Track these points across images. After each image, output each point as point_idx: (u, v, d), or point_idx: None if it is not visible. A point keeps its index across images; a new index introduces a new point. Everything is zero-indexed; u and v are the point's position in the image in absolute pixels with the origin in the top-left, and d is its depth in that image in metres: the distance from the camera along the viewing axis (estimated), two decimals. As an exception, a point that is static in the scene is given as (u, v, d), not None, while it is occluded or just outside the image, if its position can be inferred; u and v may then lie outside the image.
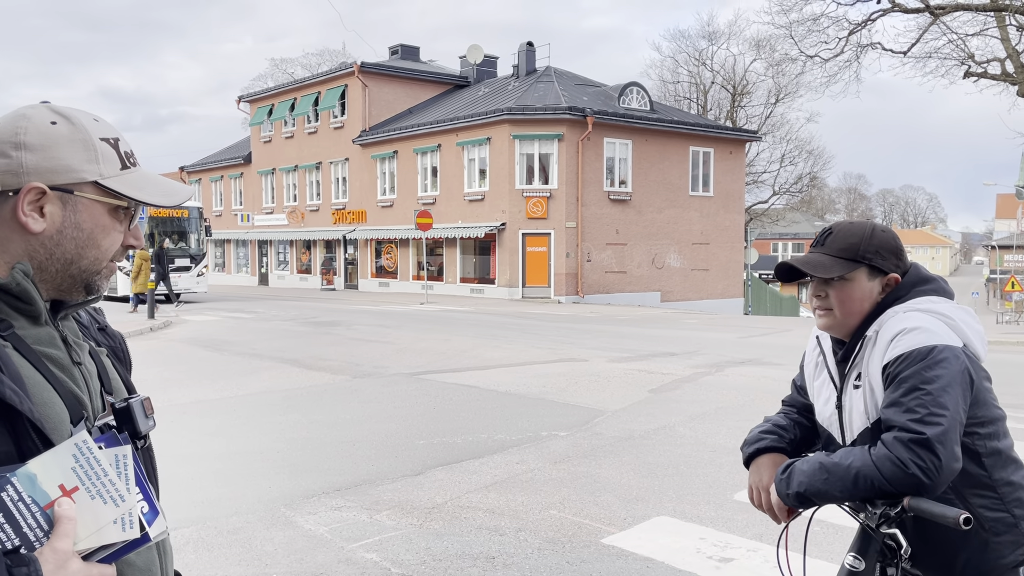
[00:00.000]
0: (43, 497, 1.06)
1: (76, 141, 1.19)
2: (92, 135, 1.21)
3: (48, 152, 1.17)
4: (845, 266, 1.97)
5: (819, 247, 2.03)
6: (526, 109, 27.55)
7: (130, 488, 1.07)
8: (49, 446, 1.08)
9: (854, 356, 1.99)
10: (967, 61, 26.19)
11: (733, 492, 5.51)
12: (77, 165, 1.19)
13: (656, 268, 30.20)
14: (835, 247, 1.99)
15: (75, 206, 1.19)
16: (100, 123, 1.25)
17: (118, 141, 1.25)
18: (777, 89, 47.13)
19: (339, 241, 35.86)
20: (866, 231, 2.01)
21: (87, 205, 1.20)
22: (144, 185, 1.26)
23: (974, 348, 1.90)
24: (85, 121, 1.22)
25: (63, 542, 1.03)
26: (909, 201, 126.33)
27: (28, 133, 1.18)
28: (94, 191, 1.21)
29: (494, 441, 7.03)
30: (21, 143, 1.17)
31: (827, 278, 1.98)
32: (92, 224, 1.21)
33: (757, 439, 2.18)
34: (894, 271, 2.00)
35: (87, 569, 1.04)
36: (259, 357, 12.47)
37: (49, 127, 1.19)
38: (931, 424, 1.74)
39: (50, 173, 1.17)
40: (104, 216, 1.22)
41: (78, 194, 1.19)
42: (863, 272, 1.98)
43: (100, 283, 1.26)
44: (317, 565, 4.29)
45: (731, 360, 12.17)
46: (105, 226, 1.23)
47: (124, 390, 1.34)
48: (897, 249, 2.01)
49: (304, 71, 52.73)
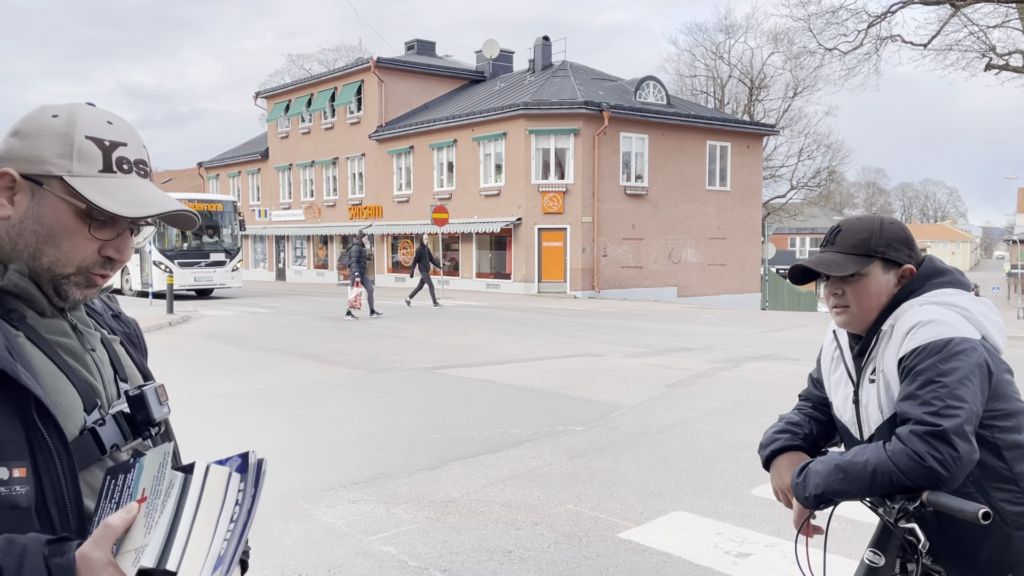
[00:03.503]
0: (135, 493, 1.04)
1: (58, 135, 1.17)
2: (77, 131, 1.17)
3: (30, 141, 1.17)
4: (859, 262, 1.95)
5: (830, 246, 2.02)
6: (542, 104, 27.49)
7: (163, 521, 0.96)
8: (60, 435, 1.08)
9: (870, 350, 1.98)
10: (988, 53, 25.90)
11: (751, 487, 5.49)
12: (48, 157, 1.16)
13: (672, 263, 30.09)
14: (846, 244, 1.98)
15: (41, 199, 1.17)
16: (114, 125, 1.21)
17: (120, 146, 1.20)
18: (795, 82, 46.83)
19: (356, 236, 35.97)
20: (875, 224, 1.99)
21: (51, 200, 1.17)
22: (115, 192, 1.17)
23: (993, 340, 1.88)
24: (83, 118, 1.19)
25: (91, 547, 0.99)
26: (929, 195, 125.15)
27: (27, 122, 1.19)
28: (60, 188, 1.16)
29: (510, 435, 7.04)
30: (18, 130, 1.19)
31: (843, 276, 1.96)
32: (53, 221, 1.16)
33: (771, 440, 2.17)
34: (908, 262, 1.98)
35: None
36: (277, 352, 12.54)
37: (47, 119, 1.18)
38: (947, 416, 1.72)
39: (24, 162, 1.17)
40: (68, 216, 1.17)
41: (46, 188, 1.16)
42: (877, 266, 1.96)
43: (69, 289, 1.19)
44: (335, 558, 4.31)
45: (748, 355, 12.11)
46: (68, 227, 1.17)
47: (138, 377, 1.33)
48: (908, 240, 1.99)
49: (321, 67, 52.89)
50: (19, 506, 1.05)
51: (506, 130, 28.42)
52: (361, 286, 18.08)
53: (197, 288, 24.96)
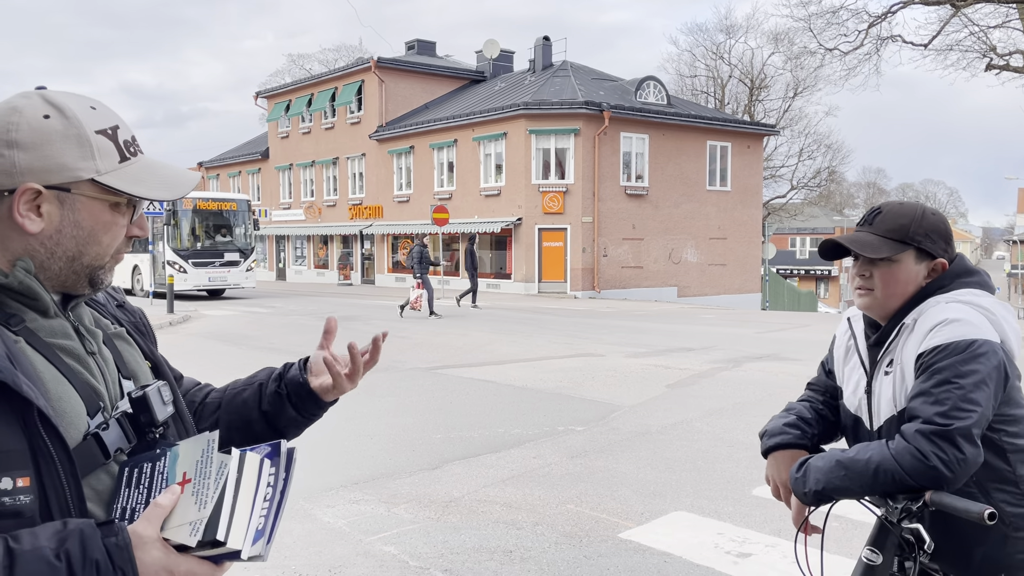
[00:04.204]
0: (172, 478, 1.12)
1: (70, 137, 1.14)
2: (87, 129, 1.16)
3: (41, 150, 1.13)
4: (894, 247, 1.92)
5: (867, 226, 1.97)
6: (542, 104, 27.50)
7: (214, 498, 1.07)
8: (61, 442, 1.08)
9: (889, 342, 1.94)
10: (989, 53, 25.91)
11: (751, 488, 5.49)
12: (72, 163, 1.14)
13: (673, 263, 30.09)
14: (884, 227, 1.94)
15: (73, 204, 1.16)
16: (98, 110, 1.20)
17: (117, 129, 1.20)
18: (795, 83, 46.79)
19: (356, 236, 35.98)
20: (917, 212, 1.95)
21: (85, 203, 1.16)
22: (145, 177, 1.20)
23: (1010, 345, 1.86)
24: (80, 112, 1.17)
25: (143, 525, 1.06)
26: (929, 195, 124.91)
27: (20, 130, 1.13)
28: (92, 188, 1.16)
29: (511, 435, 7.04)
30: (13, 141, 1.12)
31: (873, 258, 1.93)
32: (92, 222, 1.18)
33: (780, 431, 2.11)
34: (942, 256, 1.94)
35: (167, 558, 1.06)
36: (277, 351, 12.55)
37: (42, 122, 1.14)
38: (957, 418, 1.71)
39: (44, 172, 1.13)
40: (104, 212, 1.18)
41: (75, 192, 1.15)
42: (911, 255, 1.92)
43: (103, 276, 1.23)
44: (336, 557, 4.32)
45: (749, 355, 12.11)
46: (106, 222, 1.19)
47: (145, 372, 1.33)
48: (947, 234, 1.95)
49: (321, 67, 52.87)
50: (23, 515, 1.05)
51: (506, 130, 28.42)
52: (423, 287, 18.05)
53: (209, 288, 24.59)
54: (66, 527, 1.04)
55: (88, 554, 1.01)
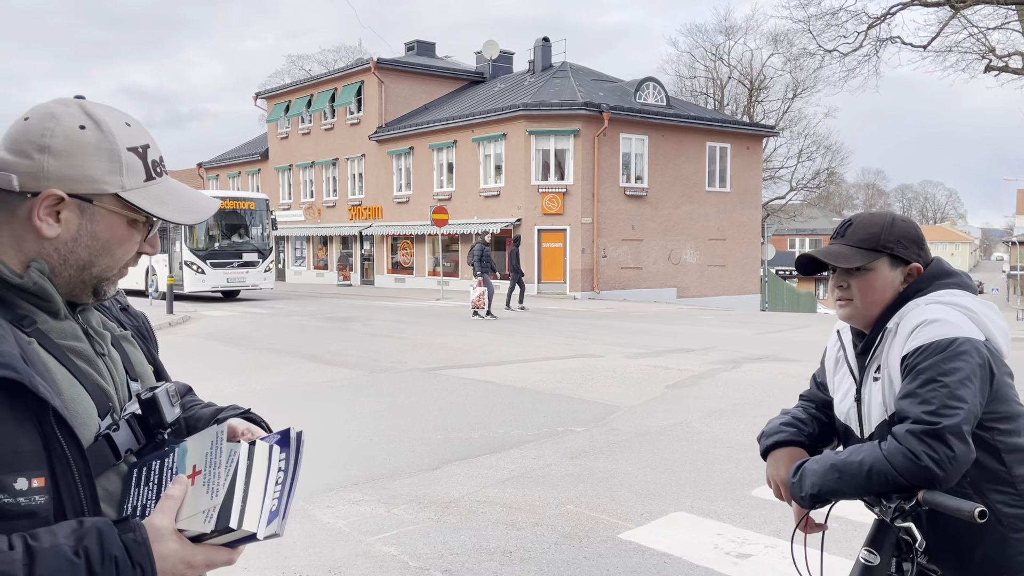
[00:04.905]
0: (182, 472, 1.15)
1: (102, 151, 1.16)
2: (119, 144, 1.18)
3: (72, 159, 1.14)
4: (867, 256, 1.96)
5: (839, 238, 2.02)
6: (542, 105, 27.50)
7: (225, 485, 1.10)
8: (76, 443, 1.09)
9: (874, 348, 1.98)
10: (988, 55, 25.92)
11: (751, 488, 5.50)
12: (99, 176, 1.16)
13: (672, 264, 30.10)
14: (856, 237, 1.98)
15: (93, 215, 1.18)
16: (132, 128, 1.22)
17: (147, 148, 1.22)
18: (795, 84, 46.86)
19: (355, 237, 35.98)
20: (887, 220, 2.00)
21: (105, 216, 1.18)
22: (167, 199, 1.22)
23: (996, 343, 1.88)
24: (115, 127, 1.19)
25: (158, 518, 1.08)
26: (928, 197, 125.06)
27: (55, 136, 1.15)
28: (114, 203, 1.18)
29: (510, 436, 7.05)
30: (46, 146, 1.14)
31: (849, 268, 1.97)
32: (108, 234, 1.19)
33: (776, 431, 2.16)
34: (916, 260, 1.98)
35: (184, 549, 1.08)
36: (277, 352, 12.55)
37: (77, 132, 1.15)
38: (946, 416, 1.73)
39: (71, 181, 1.15)
40: (122, 227, 1.20)
41: (97, 204, 1.17)
42: (885, 262, 1.96)
43: (108, 288, 1.24)
44: (335, 558, 4.32)
45: (748, 356, 12.12)
46: (121, 237, 1.21)
47: (151, 375, 1.35)
48: (918, 238, 1.99)
49: (321, 68, 52.89)
50: (37, 515, 1.06)
51: (506, 131, 28.43)
52: (483, 286, 18.02)
53: (225, 289, 24.14)
54: (83, 525, 1.05)
55: (107, 551, 1.03)
